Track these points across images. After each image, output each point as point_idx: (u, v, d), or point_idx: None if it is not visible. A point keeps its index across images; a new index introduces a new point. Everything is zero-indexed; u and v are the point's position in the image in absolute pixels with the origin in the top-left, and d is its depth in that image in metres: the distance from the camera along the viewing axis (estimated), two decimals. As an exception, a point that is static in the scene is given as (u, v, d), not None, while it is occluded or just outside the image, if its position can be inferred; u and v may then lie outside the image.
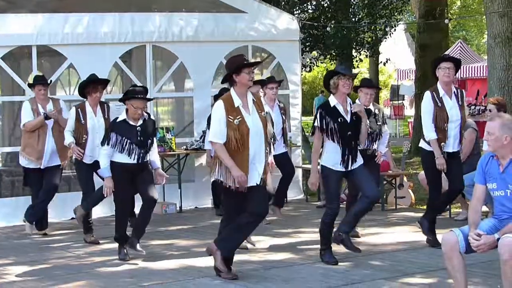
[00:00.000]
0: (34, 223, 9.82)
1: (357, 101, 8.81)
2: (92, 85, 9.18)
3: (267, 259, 8.17)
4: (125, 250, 8.26)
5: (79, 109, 9.23)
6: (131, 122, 8.08)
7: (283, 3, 17.98)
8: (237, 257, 8.15)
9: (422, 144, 8.64)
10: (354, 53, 20.67)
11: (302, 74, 14.67)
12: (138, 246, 8.08)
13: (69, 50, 11.26)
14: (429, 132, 8.42)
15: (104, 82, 9.52)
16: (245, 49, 12.58)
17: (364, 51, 21.22)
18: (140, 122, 8.12)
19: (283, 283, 6.92)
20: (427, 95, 8.45)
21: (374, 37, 20.95)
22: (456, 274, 5.83)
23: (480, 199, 5.95)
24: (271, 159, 7.66)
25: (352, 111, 7.68)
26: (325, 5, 19.65)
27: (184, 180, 11.89)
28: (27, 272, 7.77)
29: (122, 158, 8.04)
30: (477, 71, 23.11)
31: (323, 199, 12.02)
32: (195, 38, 12.13)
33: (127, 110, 8.10)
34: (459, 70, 8.67)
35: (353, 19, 19.72)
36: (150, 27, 11.81)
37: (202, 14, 12.31)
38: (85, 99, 9.32)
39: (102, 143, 8.16)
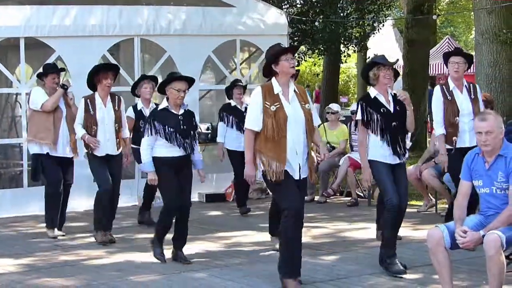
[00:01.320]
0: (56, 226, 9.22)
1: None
2: (102, 72, 8.78)
3: (253, 253, 8.16)
4: (160, 249, 7.80)
5: (88, 100, 8.82)
6: (173, 111, 7.66)
7: (271, -3, 17.96)
8: (224, 252, 8.17)
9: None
10: (342, 48, 20.71)
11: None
12: (183, 256, 7.74)
13: (57, 42, 11.22)
14: (437, 127, 8.37)
15: (116, 69, 9.05)
16: (233, 43, 12.57)
17: (352, 46, 21.26)
18: (182, 111, 7.71)
19: (269, 278, 6.91)
20: (437, 89, 8.42)
21: (362, 32, 20.95)
22: (441, 269, 5.85)
23: (466, 196, 5.97)
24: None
25: (399, 98, 7.29)
26: (314, -1, 19.65)
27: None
28: (12, 265, 7.72)
29: (164, 151, 7.60)
30: (465, 67, 23.16)
31: (310, 194, 12.03)
32: (183, 32, 12.11)
33: (167, 98, 7.69)
34: (447, 66, 8.58)
35: (342, 14, 19.71)
36: (138, 20, 11.77)
37: (190, 8, 12.29)
38: (93, 92, 8.87)
39: (144, 134, 7.72)
